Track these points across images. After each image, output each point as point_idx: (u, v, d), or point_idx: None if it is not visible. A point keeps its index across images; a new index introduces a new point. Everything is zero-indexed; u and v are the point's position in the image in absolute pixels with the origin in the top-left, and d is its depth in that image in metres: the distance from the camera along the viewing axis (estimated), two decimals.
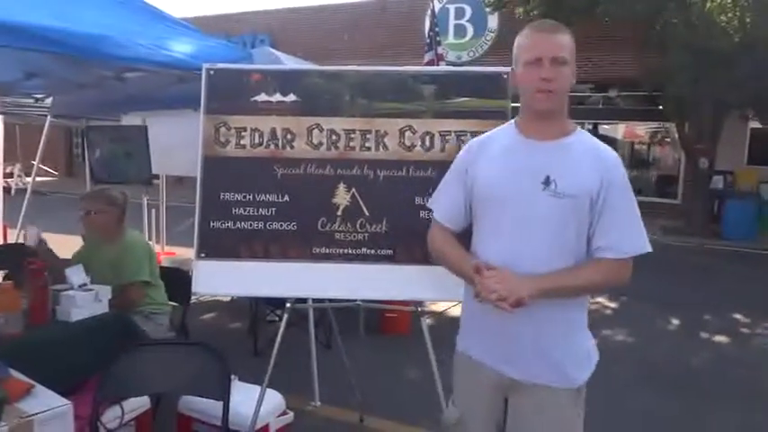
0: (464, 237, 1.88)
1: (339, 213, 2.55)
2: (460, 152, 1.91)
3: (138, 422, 2.61)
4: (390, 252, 2.53)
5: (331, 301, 3.09)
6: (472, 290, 1.71)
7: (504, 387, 1.75)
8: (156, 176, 5.86)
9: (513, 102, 2.61)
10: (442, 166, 2.54)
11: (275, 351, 2.57)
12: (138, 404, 2.57)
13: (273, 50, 4.48)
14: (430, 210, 1.98)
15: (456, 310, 5.66)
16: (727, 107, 10.47)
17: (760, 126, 12.30)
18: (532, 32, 1.67)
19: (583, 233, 1.67)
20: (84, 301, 2.63)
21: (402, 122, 2.58)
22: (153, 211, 6.29)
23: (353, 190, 2.56)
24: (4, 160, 6.54)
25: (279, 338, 2.59)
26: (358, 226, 2.54)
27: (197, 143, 2.61)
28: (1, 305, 2.38)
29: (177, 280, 3.29)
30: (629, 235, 1.66)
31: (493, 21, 14.07)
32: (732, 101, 9.85)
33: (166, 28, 3.09)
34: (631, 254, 1.66)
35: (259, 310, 4.45)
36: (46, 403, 1.96)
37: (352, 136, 2.59)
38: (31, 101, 5.25)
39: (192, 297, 3.37)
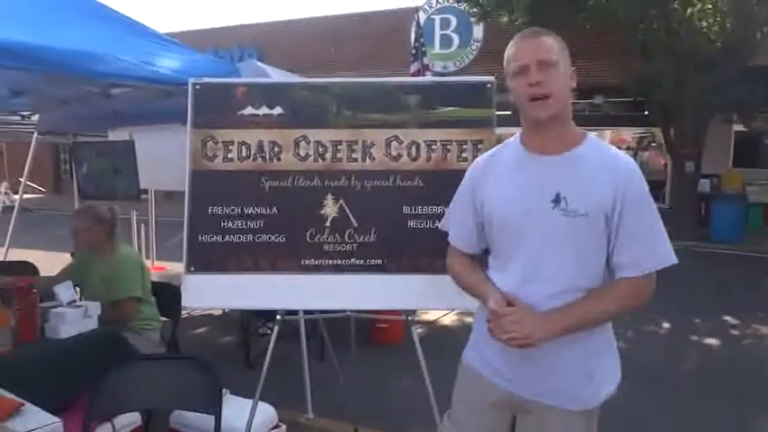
0: (485, 257, 1.81)
1: (327, 224, 2.56)
2: (467, 172, 1.82)
3: None
4: (380, 262, 2.55)
5: (322, 312, 3.09)
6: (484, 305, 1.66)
7: (513, 406, 1.69)
8: (145, 191, 5.85)
9: (497, 110, 2.66)
10: (429, 176, 2.59)
11: (267, 364, 2.57)
12: (129, 420, 2.55)
13: (260, 64, 4.51)
14: (424, 221, 1.96)
15: (447, 319, 5.69)
16: (711, 111, 10.59)
17: (744, 129, 12.46)
18: (515, 42, 1.61)
19: (602, 249, 1.57)
20: (74, 317, 2.61)
21: (388, 133, 2.61)
22: (142, 226, 6.28)
23: (341, 201, 2.58)
24: None
25: (270, 351, 2.58)
26: (347, 237, 2.56)
27: (185, 157, 2.62)
28: None
29: (167, 295, 3.28)
30: (649, 250, 1.54)
31: (478, 31, 14.20)
32: (716, 105, 9.97)
33: (151, 43, 3.11)
34: (653, 269, 1.55)
35: (250, 323, 4.44)
36: (36, 421, 1.95)
37: (339, 147, 2.62)
38: (18, 118, 5.23)
39: (183, 311, 3.36)
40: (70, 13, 2.82)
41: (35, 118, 5.25)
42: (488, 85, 2.64)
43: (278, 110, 2.65)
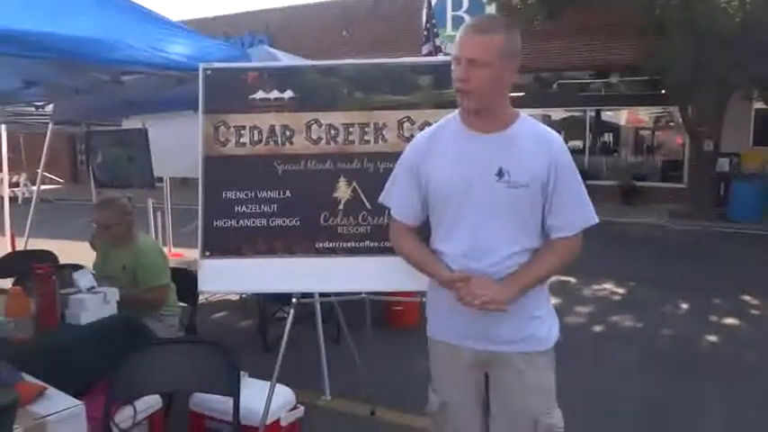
0: (423, 229, 1.93)
1: (341, 207, 2.56)
2: (407, 148, 1.93)
3: (151, 421, 2.64)
4: None
5: (336, 294, 3.10)
6: (436, 281, 1.83)
7: (484, 362, 1.83)
8: (160, 179, 5.89)
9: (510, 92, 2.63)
10: None
11: (283, 346, 2.59)
12: (150, 403, 2.60)
13: (271, 49, 4.50)
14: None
15: None
16: (730, 89, 10.39)
17: (764, 106, 12.21)
18: (461, 30, 1.70)
19: (538, 213, 1.76)
20: (93, 303, 2.65)
21: (400, 114, 2.59)
22: (158, 213, 6.33)
23: (354, 183, 2.57)
24: (10, 170, 6.60)
25: (286, 334, 2.60)
26: (360, 219, 2.55)
27: (198, 144, 2.63)
28: (11, 310, 2.40)
29: (185, 280, 3.31)
30: (579, 212, 1.76)
31: (491, 11, 14.00)
32: (735, 82, 9.78)
33: (162, 30, 3.10)
34: (582, 228, 1.77)
35: (267, 307, 4.47)
36: (58, 405, 1.99)
37: (351, 130, 2.60)
38: (32, 109, 5.28)
39: (201, 297, 3.40)
40: (80, 1, 2.82)
41: (49, 108, 5.29)
42: None
43: (289, 93, 2.64)
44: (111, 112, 5.16)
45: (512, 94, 2.71)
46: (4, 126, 5.98)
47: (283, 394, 2.73)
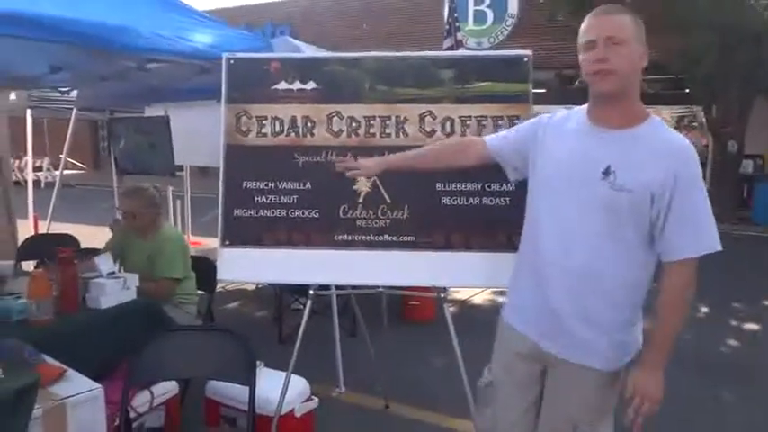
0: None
1: (360, 200, 2.55)
2: (535, 119, 1.91)
3: (168, 406, 2.67)
4: (412, 238, 2.54)
5: (353, 287, 3.10)
6: (523, 263, 1.83)
7: (542, 359, 1.80)
8: (181, 168, 5.93)
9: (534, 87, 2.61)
10: None
11: (299, 338, 2.60)
12: (166, 389, 2.63)
13: (293, 40, 4.50)
14: (458, 197, 2.07)
15: (479, 298, 5.67)
16: (755, 88, 10.19)
17: None
18: (589, 17, 1.65)
19: (642, 229, 1.63)
20: (113, 288, 2.68)
21: (422, 108, 2.57)
22: (178, 201, 6.38)
23: (374, 177, 2.56)
24: (33, 154, 6.69)
25: (303, 325, 2.61)
26: (379, 213, 2.55)
27: (219, 133, 2.64)
28: (33, 292, 2.44)
29: (205, 269, 3.34)
30: (697, 234, 1.60)
31: (513, 5, 13.87)
32: (761, 81, 9.58)
33: (187, 19, 3.12)
34: (698, 254, 1.61)
35: (284, 298, 4.50)
36: (78, 387, 2.02)
37: (372, 123, 2.59)
38: (58, 94, 5.35)
39: (218, 285, 3.42)
40: None
41: (74, 94, 5.35)
42: (525, 60, 2.57)
43: (311, 85, 2.63)
44: (134, 100, 5.20)
45: (535, 90, 2.72)
46: (29, 111, 6.06)
47: (298, 385, 2.74)
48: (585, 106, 1.77)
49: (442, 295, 2.73)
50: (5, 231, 4.60)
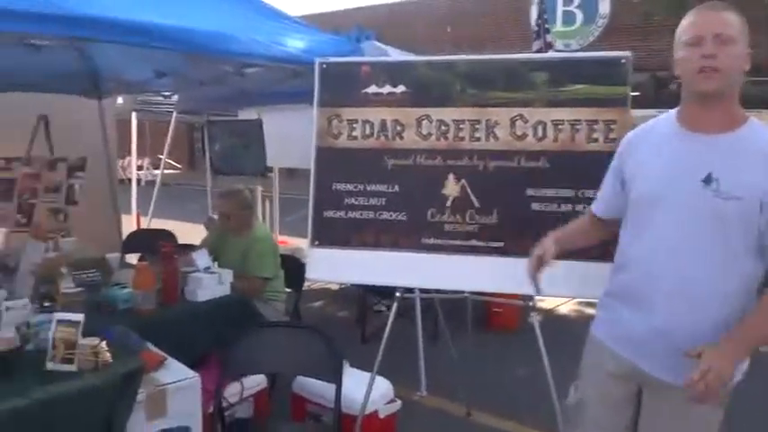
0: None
1: (449, 204, 2.54)
2: (618, 147, 1.83)
3: (256, 399, 2.77)
4: (501, 244, 2.49)
5: (438, 291, 3.08)
6: (619, 277, 1.72)
7: (639, 379, 1.69)
8: (270, 169, 6.15)
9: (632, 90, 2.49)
10: (555, 157, 2.48)
11: (384, 339, 2.61)
12: (256, 382, 2.73)
13: (380, 44, 4.55)
14: (549, 203, 2.00)
15: (565, 308, 5.48)
16: None
17: None
18: (694, 13, 1.56)
19: (750, 242, 1.52)
20: (210, 283, 2.81)
21: (513, 112, 2.53)
22: (267, 201, 6.61)
23: (463, 181, 2.54)
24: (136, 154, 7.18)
25: (388, 327, 2.63)
26: (468, 217, 2.52)
27: (309, 136, 2.71)
28: (138, 283, 2.61)
29: (292, 268, 3.44)
30: None
31: (604, 6, 13.33)
32: None
33: (280, 24, 3.22)
34: None
35: (367, 299, 4.55)
36: (177, 375, 2.14)
37: (462, 126, 2.57)
38: (159, 99, 5.70)
39: (305, 284, 3.51)
40: None
41: (174, 98, 5.68)
42: (623, 61, 2.47)
43: (401, 88, 2.65)
44: (229, 103, 5.46)
45: (633, 93, 2.60)
46: (134, 114, 6.50)
47: (382, 386, 2.76)
48: (673, 112, 1.67)
49: (530, 303, 2.66)
50: (112, 226, 4.94)
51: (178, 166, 20.09)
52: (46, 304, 2.42)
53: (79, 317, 2.00)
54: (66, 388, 1.85)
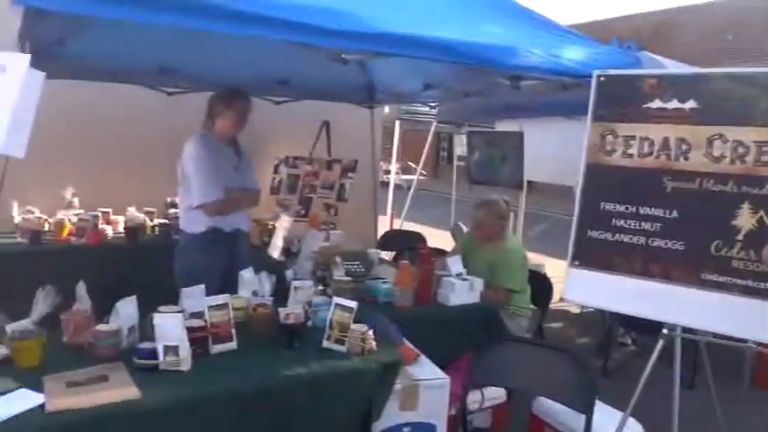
0: None
1: (740, 238, 2.21)
2: None
3: (495, 411, 2.75)
4: None
5: (715, 335, 2.70)
6: None
7: None
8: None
9: None
10: None
11: (644, 379, 2.38)
12: (497, 393, 2.71)
13: (654, 56, 4.18)
14: None
15: None
16: None
17: None
18: None
19: None
20: (462, 288, 2.89)
21: None
22: (511, 214, 6.59)
23: (762, 212, 2.18)
24: (389, 160, 7.81)
25: (650, 365, 2.39)
26: (764, 255, 2.16)
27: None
28: (400, 281, 2.80)
29: (539, 284, 3.36)
30: None
31: None
32: None
33: (556, 36, 3.14)
34: None
35: (613, 328, 4.23)
36: (429, 373, 2.23)
37: (765, 149, 2.21)
38: (418, 107, 6.07)
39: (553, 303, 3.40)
40: (488, 12, 3.06)
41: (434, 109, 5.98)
42: None
43: (690, 103, 2.38)
44: (488, 114, 5.55)
45: None
46: (397, 122, 7.03)
47: (633, 428, 2.53)
48: None
49: None
50: (370, 223, 5.39)
51: (423, 173, 21.19)
52: (320, 287, 2.73)
53: (353, 304, 2.21)
54: (340, 366, 2.05)
